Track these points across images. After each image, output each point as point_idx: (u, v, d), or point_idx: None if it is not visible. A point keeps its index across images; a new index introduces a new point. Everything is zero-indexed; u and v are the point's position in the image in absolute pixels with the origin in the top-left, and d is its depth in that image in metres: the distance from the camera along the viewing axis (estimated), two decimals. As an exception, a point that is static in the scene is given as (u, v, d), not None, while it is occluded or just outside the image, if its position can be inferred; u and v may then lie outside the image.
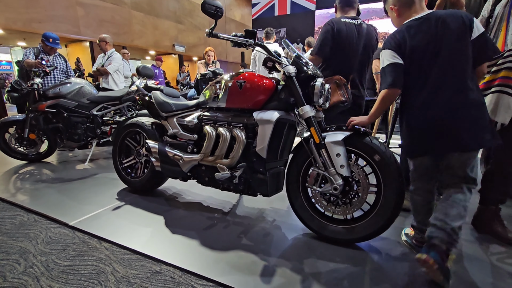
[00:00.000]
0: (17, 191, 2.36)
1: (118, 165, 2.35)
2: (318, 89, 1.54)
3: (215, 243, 1.58)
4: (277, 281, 1.27)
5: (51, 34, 3.43)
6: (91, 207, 2.03)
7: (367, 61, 2.16)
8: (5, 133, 3.05)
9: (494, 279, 1.28)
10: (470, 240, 1.61)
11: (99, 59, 4.14)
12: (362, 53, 2.07)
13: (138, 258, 1.46)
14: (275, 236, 1.66)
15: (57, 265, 1.40)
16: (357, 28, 2.03)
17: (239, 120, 1.72)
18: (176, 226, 1.78)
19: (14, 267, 1.39)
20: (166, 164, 1.98)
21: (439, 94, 1.24)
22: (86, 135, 3.13)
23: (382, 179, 1.44)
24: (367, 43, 2.07)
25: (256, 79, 1.67)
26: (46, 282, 1.28)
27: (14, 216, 1.94)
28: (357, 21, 2.05)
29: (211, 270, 1.34)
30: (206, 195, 2.25)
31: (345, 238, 1.53)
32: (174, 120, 2.02)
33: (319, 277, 1.29)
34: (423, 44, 1.26)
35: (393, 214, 1.42)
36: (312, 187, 1.57)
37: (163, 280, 1.30)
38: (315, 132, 1.51)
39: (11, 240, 1.64)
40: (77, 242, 1.61)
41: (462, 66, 1.22)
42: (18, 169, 2.96)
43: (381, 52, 1.39)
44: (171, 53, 13.05)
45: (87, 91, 3.09)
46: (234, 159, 1.70)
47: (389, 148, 1.47)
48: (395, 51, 1.32)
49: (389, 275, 1.31)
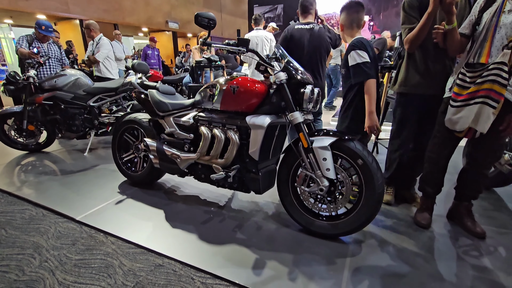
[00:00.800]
0: (22, 184, 2.47)
1: (118, 160, 2.46)
2: (307, 96, 1.63)
3: (212, 237, 1.73)
4: (267, 273, 1.44)
5: (43, 22, 3.38)
6: (95, 201, 2.16)
7: (322, 56, 2.61)
8: (4, 124, 3.10)
9: (457, 270, 1.46)
10: (443, 233, 1.79)
11: (89, 47, 4.09)
12: (313, 51, 2.54)
13: (142, 252, 1.62)
14: (266, 230, 1.82)
15: (69, 259, 1.56)
16: (309, 32, 2.53)
17: (233, 122, 1.81)
18: (175, 220, 1.92)
19: (30, 262, 1.54)
20: (165, 162, 2.09)
21: None
22: (84, 126, 3.20)
23: (363, 181, 1.57)
24: (316, 43, 2.54)
25: (248, 84, 1.74)
26: (61, 276, 1.43)
27: (23, 210, 2.07)
28: (309, 26, 2.54)
29: (208, 264, 1.50)
30: (203, 188, 2.38)
31: (329, 233, 1.69)
32: (171, 119, 2.10)
33: (304, 268, 1.46)
34: None
35: (373, 212, 1.57)
36: (300, 187, 1.71)
37: (165, 273, 1.46)
38: (303, 138, 1.61)
39: (24, 235, 1.78)
40: (85, 237, 1.76)
41: None
42: (19, 160, 3.06)
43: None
44: (164, 30, 12.66)
45: (82, 82, 3.12)
46: (229, 160, 1.81)
47: (371, 153, 1.59)
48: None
49: (368, 263, 1.48)
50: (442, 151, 1.74)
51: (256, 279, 1.39)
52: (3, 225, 1.88)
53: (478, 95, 1.47)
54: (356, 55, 1.73)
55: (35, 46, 3.34)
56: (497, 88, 1.41)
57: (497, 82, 1.41)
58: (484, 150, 1.66)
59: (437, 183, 1.85)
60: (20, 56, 3.37)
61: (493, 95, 1.43)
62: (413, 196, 2.13)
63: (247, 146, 1.76)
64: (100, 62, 4.02)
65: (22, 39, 3.33)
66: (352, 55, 1.74)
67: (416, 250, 1.62)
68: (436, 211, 1.95)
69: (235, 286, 1.37)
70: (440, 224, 1.87)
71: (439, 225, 1.86)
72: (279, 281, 1.38)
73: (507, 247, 1.64)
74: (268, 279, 1.40)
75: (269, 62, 1.71)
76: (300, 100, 1.66)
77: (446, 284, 1.36)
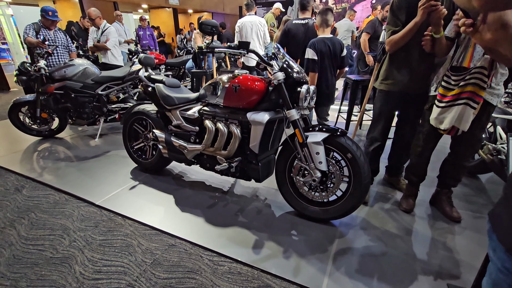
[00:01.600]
0: (42, 170, 2.69)
1: (129, 148, 2.65)
2: (303, 95, 1.77)
3: (217, 220, 1.96)
4: (265, 252, 1.67)
5: (49, 7, 3.44)
6: (111, 187, 2.38)
7: None
8: (19, 112, 3.27)
9: (429, 250, 1.68)
10: (423, 216, 2.00)
11: (92, 34, 4.15)
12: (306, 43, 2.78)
13: (157, 233, 1.85)
14: (265, 214, 2.04)
15: (94, 239, 1.80)
16: (304, 26, 2.93)
17: (235, 117, 1.97)
18: (184, 204, 2.15)
19: (61, 241, 1.79)
20: (173, 152, 2.28)
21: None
22: (94, 113, 3.37)
23: (352, 173, 1.76)
24: (310, 36, 2.78)
25: (249, 82, 1.87)
26: (89, 254, 1.68)
27: (47, 195, 2.30)
28: (305, 21, 2.94)
29: (214, 243, 1.74)
30: (208, 174, 2.59)
31: (321, 217, 1.91)
32: (177, 112, 2.26)
33: (297, 248, 1.69)
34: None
35: (359, 200, 1.77)
36: (296, 177, 1.90)
37: (178, 251, 1.70)
38: (299, 133, 1.78)
39: (52, 218, 2.02)
40: (106, 220, 2.00)
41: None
42: (36, 146, 3.27)
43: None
44: (164, 7, 12.35)
45: (90, 72, 3.24)
46: (231, 152, 1.99)
47: (360, 147, 1.76)
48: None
49: (353, 243, 1.71)
50: (426, 145, 1.90)
51: (256, 257, 1.63)
52: (32, 209, 2.12)
53: (462, 97, 1.60)
54: (309, 51, 2.44)
55: (42, 34, 3.43)
56: (477, 91, 1.55)
57: (478, 85, 1.54)
58: (465, 145, 1.82)
59: (421, 173, 2.03)
60: (29, 45, 3.47)
61: (474, 97, 1.57)
62: (399, 183, 2.33)
63: (248, 139, 1.93)
64: (109, 50, 4.10)
65: (29, 28, 3.41)
66: (307, 50, 2.45)
67: (396, 232, 1.84)
68: (421, 197, 2.15)
69: (237, 263, 1.61)
70: (422, 209, 2.08)
71: (421, 210, 2.07)
72: (275, 259, 1.62)
73: (478, 230, 1.85)
74: (266, 257, 1.63)
75: (268, 62, 1.83)
76: (296, 99, 1.80)
77: (417, 262, 1.59)
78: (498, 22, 0.67)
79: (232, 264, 1.60)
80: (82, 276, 1.52)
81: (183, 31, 10.23)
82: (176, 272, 1.54)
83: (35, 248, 1.73)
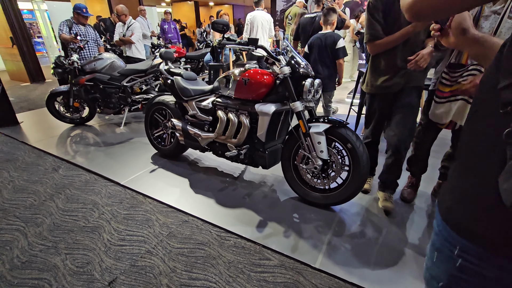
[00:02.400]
0: (75, 153, 3.02)
1: (150, 135, 2.91)
2: (307, 88, 1.90)
3: (226, 201, 2.16)
4: (267, 231, 1.85)
5: (81, 5, 3.76)
6: (134, 170, 2.65)
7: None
8: (55, 101, 3.63)
9: (421, 235, 1.78)
10: (422, 206, 2.08)
11: (118, 29, 4.44)
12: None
13: (173, 211, 2.08)
14: (270, 198, 2.21)
15: (119, 213, 2.06)
16: (312, 20, 3.40)
17: (245, 108, 2.14)
18: (197, 187, 2.36)
19: (91, 214, 2.06)
20: (188, 139, 2.49)
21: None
22: (119, 103, 3.66)
23: (351, 162, 1.88)
24: (316, 30, 3.20)
25: (258, 76, 2.03)
26: (115, 225, 1.94)
27: (79, 175, 2.61)
28: (313, 15, 3.41)
29: (223, 221, 1.93)
30: (220, 161, 2.79)
31: (322, 203, 2.05)
32: (193, 103, 2.46)
33: (297, 229, 1.85)
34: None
35: (358, 187, 1.89)
36: (299, 164, 2.05)
37: (190, 226, 1.91)
38: (302, 124, 1.92)
39: (84, 194, 2.31)
40: (129, 197, 2.25)
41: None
42: (69, 132, 3.62)
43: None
44: (186, 0, 12.62)
45: (117, 65, 3.52)
46: (241, 140, 2.17)
47: (360, 138, 1.87)
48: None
49: (350, 228, 1.85)
50: (426, 137, 1.97)
51: (259, 235, 1.81)
52: (67, 186, 2.42)
53: (459, 93, 1.66)
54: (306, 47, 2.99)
55: (75, 30, 3.75)
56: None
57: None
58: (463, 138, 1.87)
59: (422, 165, 2.10)
60: (63, 41, 3.81)
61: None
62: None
63: (256, 129, 2.09)
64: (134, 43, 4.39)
65: (63, 25, 3.74)
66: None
67: (393, 219, 1.94)
68: (424, 188, 2.22)
69: (242, 238, 1.80)
70: (423, 199, 2.16)
71: (422, 200, 2.15)
72: (276, 237, 1.79)
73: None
74: (268, 235, 1.81)
75: (275, 57, 1.97)
76: (301, 91, 1.93)
77: (408, 245, 1.70)
78: (458, 28, 0.79)
79: (237, 239, 1.80)
80: (109, 242, 1.78)
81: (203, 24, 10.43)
82: (188, 244, 1.76)
83: (71, 218, 2.01)
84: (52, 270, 1.58)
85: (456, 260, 0.55)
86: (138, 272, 1.56)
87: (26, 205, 2.16)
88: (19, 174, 2.63)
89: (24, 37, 6.56)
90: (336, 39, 2.82)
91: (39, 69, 7.02)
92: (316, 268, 1.56)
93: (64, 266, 1.61)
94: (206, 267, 1.59)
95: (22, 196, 2.28)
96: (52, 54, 11.47)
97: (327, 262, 1.60)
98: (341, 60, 2.91)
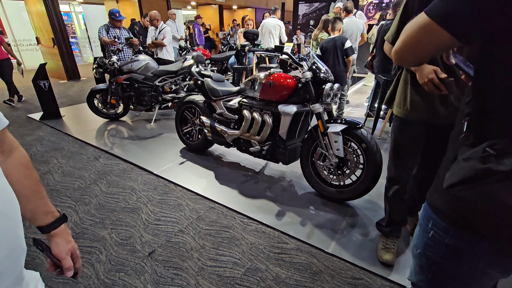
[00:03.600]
0: (112, 145, 3.35)
1: (179, 131, 3.18)
2: (326, 92, 2.09)
3: (248, 192, 2.37)
4: (285, 220, 2.04)
5: (115, 10, 4.14)
6: (165, 161, 2.93)
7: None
8: (94, 98, 4.01)
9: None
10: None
11: (151, 32, 4.79)
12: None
13: (200, 198, 2.32)
14: (289, 191, 2.40)
15: (154, 198, 2.33)
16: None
17: (268, 108, 2.35)
18: (222, 179, 2.60)
19: (130, 197, 2.34)
20: (215, 136, 2.74)
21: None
22: (151, 101, 3.98)
23: (366, 161, 2.04)
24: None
25: (282, 79, 2.23)
26: (151, 208, 2.20)
27: (118, 164, 2.92)
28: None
29: (245, 209, 2.15)
30: (243, 157, 3.02)
31: (337, 197, 2.22)
32: (221, 102, 2.70)
33: (312, 219, 2.04)
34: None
35: (371, 185, 2.05)
36: (317, 161, 2.23)
37: (216, 212, 2.15)
38: (321, 124, 2.10)
39: (123, 180, 2.60)
40: (161, 185, 2.52)
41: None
42: (105, 127, 3.99)
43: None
44: (210, 4, 13.05)
45: (151, 66, 3.84)
46: (264, 137, 2.38)
47: (374, 139, 2.03)
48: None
49: (361, 220, 2.01)
50: None
51: (277, 222, 2.01)
52: (108, 173, 2.74)
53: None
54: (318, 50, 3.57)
55: (113, 33, 4.13)
56: None
57: None
58: None
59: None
60: (103, 44, 4.20)
61: None
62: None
63: (278, 127, 2.30)
64: (165, 46, 4.73)
65: (102, 29, 4.13)
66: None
67: (404, 216, 2.08)
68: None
69: (262, 225, 2.00)
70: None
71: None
72: (293, 225, 1.98)
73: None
74: (285, 223, 2.01)
75: (298, 62, 2.17)
76: (321, 94, 2.12)
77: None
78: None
79: (258, 225, 2.01)
80: (147, 221, 2.04)
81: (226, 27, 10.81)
82: (215, 226, 1.99)
83: (113, 199, 2.31)
84: (101, 241, 1.86)
85: (429, 232, 0.74)
86: (173, 247, 1.81)
87: (75, 187, 2.49)
88: (66, 161, 2.98)
89: (63, 38, 7.14)
90: (344, 41, 3.51)
91: (76, 68, 7.59)
92: (328, 253, 1.74)
93: (110, 238, 1.88)
94: (231, 246, 1.81)
95: (71, 180, 2.61)
96: (84, 53, 12.22)
97: (339, 249, 1.77)
98: (350, 57, 3.56)
